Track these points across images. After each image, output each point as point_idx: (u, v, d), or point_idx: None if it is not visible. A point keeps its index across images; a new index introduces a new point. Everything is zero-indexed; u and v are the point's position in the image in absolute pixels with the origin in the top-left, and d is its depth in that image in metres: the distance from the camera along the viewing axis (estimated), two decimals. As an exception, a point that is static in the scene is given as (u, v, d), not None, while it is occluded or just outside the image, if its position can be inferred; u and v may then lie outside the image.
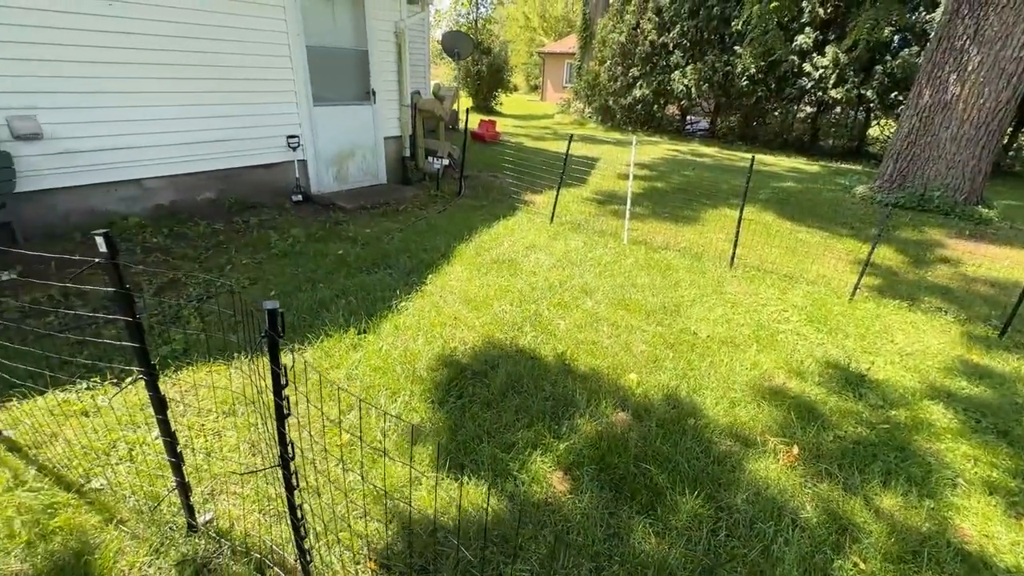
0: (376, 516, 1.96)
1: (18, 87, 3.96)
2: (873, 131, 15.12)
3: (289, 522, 1.79)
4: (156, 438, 2.25)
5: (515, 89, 24.88)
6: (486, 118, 14.34)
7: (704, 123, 17.92)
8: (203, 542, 1.78)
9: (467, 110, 7.62)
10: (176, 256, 4.20)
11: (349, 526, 1.88)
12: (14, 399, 2.36)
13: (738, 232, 4.87)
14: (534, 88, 39.55)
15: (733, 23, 13.71)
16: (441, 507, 2.03)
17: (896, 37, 12.16)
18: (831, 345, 3.55)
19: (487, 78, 19.95)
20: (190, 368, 2.78)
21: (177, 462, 1.69)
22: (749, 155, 13.51)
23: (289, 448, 1.32)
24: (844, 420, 2.75)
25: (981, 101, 6.86)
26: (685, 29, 14.83)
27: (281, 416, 1.24)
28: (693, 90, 14.94)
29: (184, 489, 1.75)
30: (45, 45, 4.01)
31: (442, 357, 3.07)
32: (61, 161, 4.25)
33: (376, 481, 2.10)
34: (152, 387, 1.57)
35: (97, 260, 1.37)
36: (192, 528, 1.80)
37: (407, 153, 7.35)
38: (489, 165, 9.28)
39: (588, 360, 3.17)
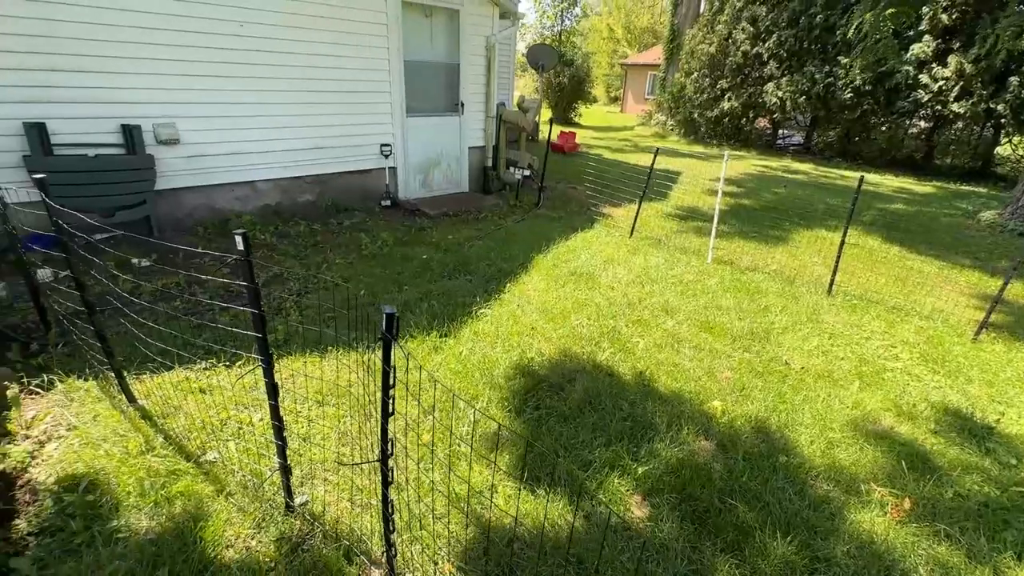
0: (455, 519, 2.00)
1: (161, 98, 4.52)
2: (1002, 149, 13.40)
3: (380, 515, 1.87)
4: (260, 420, 2.46)
5: (594, 100, 24.75)
6: (566, 129, 14.39)
7: (798, 138, 16.80)
8: (298, 523, 1.90)
9: (550, 122, 7.68)
10: (279, 253, 4.58)
11: (448, 524, 1.94)
12: (147, 372, 2.68)
13: (839, 256, 4.49)
14: (614, 100, 39.11)
15: (838, 32, 12.80)
16: (516, 517, 2.03)
17: (1038, 45, 10.71)
18: (950, 389, 3.17)
19: (568, 90, 20.02)
20: (289, 357, 3.00)
21: (282, 445, 1.82)
22: (848, 172, 12.52)
23: (389, 445, 1.38)
24: (967, 476, 2.43)
25: None
26: (783, 39, 14.03)
27: (386, 414, 1.31)
28: (788, 103, 14.07)
29: (285, 471, 1.89)
30: (184, 62, 4.55)
31: (519, 366, 3.09)
32: (191, 164, 4.80)
33: (454, 484, 2.15)
34: (268, 374, 1.71)
35: (235, 257, 1.52)
36: (289, 508, 1.94)
37: (489, 163, 7.53)
38: (568, 176, 9.28)
39: (668, 382, 3.05)
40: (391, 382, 1.25)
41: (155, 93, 4.46)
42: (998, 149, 13.26)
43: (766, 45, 14.41)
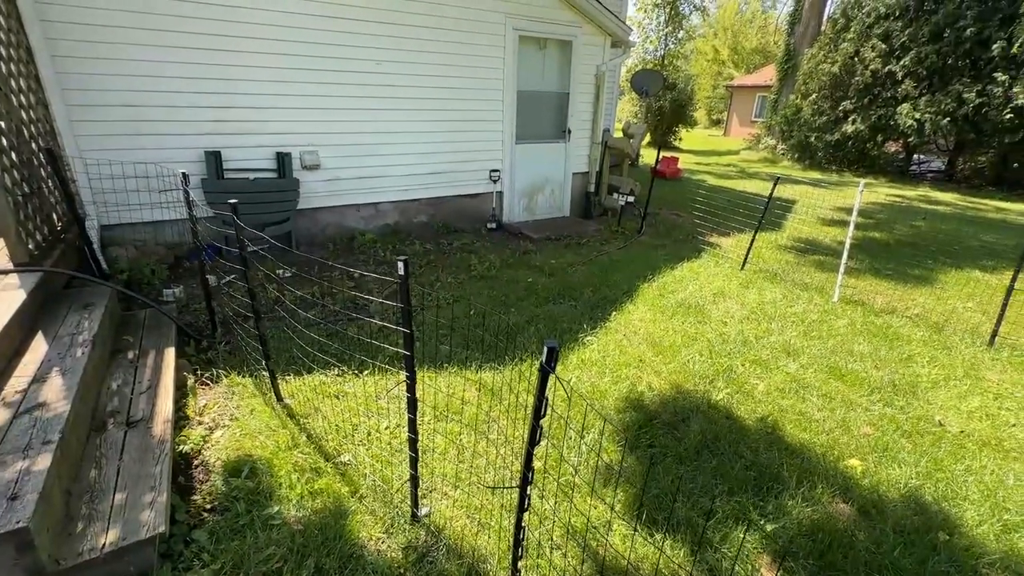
0: (571, 552, 1.98)
1: (307, 129, 5.11)
2: None
3: (502, 537, 1.91)
4: (385, 428, 2.63)
5: (695, 124, 23.96)
6: (667, 154, 14.06)
7: (938, 163, 14.94)
8: (422, 533, 2.00)
9: (658, 147, 7.56)
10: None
11: (565, 556, 1.93)
12: (290, 374, 2.99)
13: (1006, 303, 3.88)
14: (715, 123, 37.62)
15: (994, 46, 11.28)
16: (634, 559, 1.96)
17: None
18: None
19: (668, 113, 19.61)
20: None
21: (415, 457, 1.94)
22: (1006, 204, 10.88)
23: (531, 473, 1.41)
24: None
25: None
26: (922, 55, 12.66)
27: (533, 441, 1.34)
28: (927, 125, 12.58)
29: (414, 482, 2.00)
30: (327, 97, 5.13)
31: (629, 399, 3.02)
32: (328, 187, 5.36)
33: (570, 516, 2.13)
34: (411, 389, 1.83)
35: (396, 281, 1.67)
36: (415, 518, 2.04)
37: (591, 188, 7.56)
38: (670, 203, 9.03)
39: (795, 432, 2.81)
40: (543, 412, 1.29)
41: (303, 125, 5.07)
42: None
43: (901, 63, 13.09)
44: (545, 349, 1.20)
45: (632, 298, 4.58)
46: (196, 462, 2.28)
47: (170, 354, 2.78)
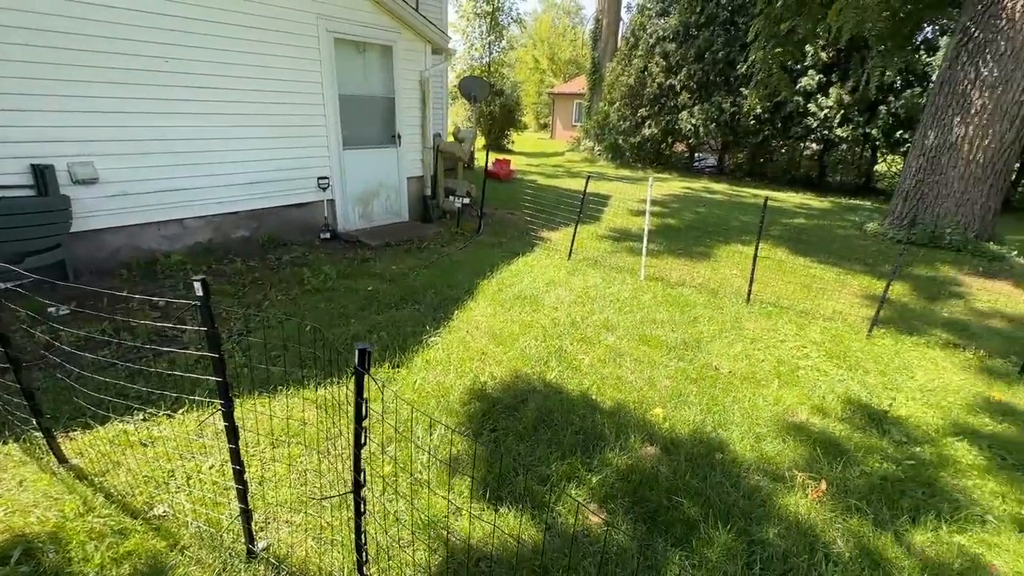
0: (422, 547, 2.04)
1: (77, 136, 4.28)
2: (880, 167, 15.39)
3: (348, 549, 1.89)
4: (210, 467, 2.38)
5: (525, 128, 25.76)
6: (500, 156, 14.83)
7: (712, 160, 18.34)
8: (262, 568, 1.87)
9: (486, 151, 7.95)
10: (215, 292, 4.41)
11: (415, 553, 1.97)
12: (78, 429, 2.51)
13: (754, 269, 5.00)
14: (543, 127, 40.77)
15: (738, 66, 14.27)
16: (481, 537, 2.11)
17: (898, 79, 12.56)
18: (852, 381, 3.62)
19: (499, 118, 20.70)
20: (236, 400, 2.91)
21: (243, 489, 1.81)
22: (758, 191, 13.83)
23: (362, 475, 1.44)
24: (869, 456, 2.80)
25: (986, 142, 7.05)
26: (692, 72, 15.42)
27: (359, 444, 1.37)
28: (701, 129, 15.39)
29: (246, 516, 1.86)
30: (104, 99, 4.36)
31: (473, 391, 3.18)
32: (113, 203, 4.54)
33: (419, 512, 2.19)
34: (228, 418, 1.71)
35: (195, 303, 1.54)
36: (251, 554, 1.90)
37: (428, 192, 7.65)
38: (505, 203, 9.58)
39: (614, 395, 3.26)
40: (363, 413, 1.33)
41: (71, 131, 4.22)
42: (877, 167, 15.22)
43: (678, 77, 15.76)
44: (356, 352, 1.24)
45: (473, 295, 4.79)
46: (-63, 562, 1.80)
47: None
